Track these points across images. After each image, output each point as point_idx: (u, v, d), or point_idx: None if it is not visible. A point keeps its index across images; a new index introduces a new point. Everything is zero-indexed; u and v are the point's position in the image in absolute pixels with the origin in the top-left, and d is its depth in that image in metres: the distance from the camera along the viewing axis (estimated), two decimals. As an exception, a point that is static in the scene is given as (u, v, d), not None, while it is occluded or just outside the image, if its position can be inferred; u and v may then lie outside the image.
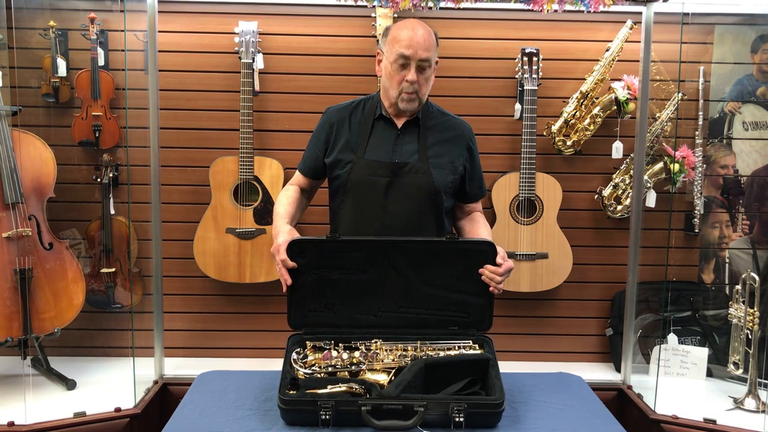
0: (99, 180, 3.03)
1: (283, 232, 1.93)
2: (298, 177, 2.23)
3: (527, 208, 3.10)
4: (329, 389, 1.73)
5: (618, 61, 3.06)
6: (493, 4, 3.01)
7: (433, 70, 2.00)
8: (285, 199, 2.10)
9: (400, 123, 2.05)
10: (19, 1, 2.77)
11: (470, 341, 1.90)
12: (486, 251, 1.89)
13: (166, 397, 2.94)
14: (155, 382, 2.93)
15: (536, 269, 3.12)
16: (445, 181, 2.05)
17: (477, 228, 2.13)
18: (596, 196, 3.19)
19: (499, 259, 1.87)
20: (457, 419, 1.65)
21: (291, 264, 1.85)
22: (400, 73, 1.95)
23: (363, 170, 2.02)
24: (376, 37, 2.98)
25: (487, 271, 1.87)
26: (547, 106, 3.15)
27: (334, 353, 1.83)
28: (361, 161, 2.02)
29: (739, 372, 2.81)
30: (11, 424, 2.41)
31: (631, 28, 3.01)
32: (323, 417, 1.65)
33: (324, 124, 2.14)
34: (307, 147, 2.19)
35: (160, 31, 2.92)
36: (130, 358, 2.87)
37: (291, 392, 1.72)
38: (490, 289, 1.88)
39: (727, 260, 3.21)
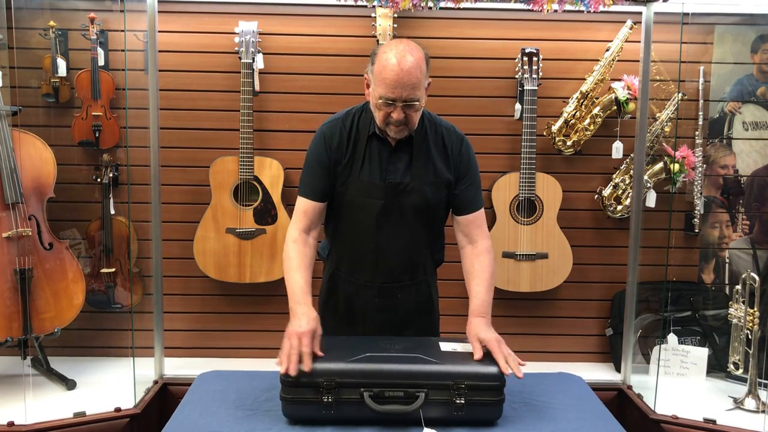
0: (99, 180, 3.03)
1: (306, 315, 1.79)
2: (306, 209, 1.98)
3: (527, 208, 3.10)
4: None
5: (618, 61, 3.06)
6: (493, 4, 3.01)
7: (423, 99, 1.86)
8: (297, 259, 1.91)
9: (393, 141, 1.96)
10: (19, 1, 2.77)
11: None
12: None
13: (166, 397, 2.94)
14: (155, 382, 2.93)
15: (536, 269, 3.12)
16: (439, 197, 2.00)
17: (474, 290, 1.94)
18: (596, 196, 3.20)
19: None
20: (457, 401, 1.67)
21: (319, 353, 1.73)
22: (386, 109, 1.84)
23: (357, 192, 1.96)
24: (376, 37, 2.98)
25: None
26: (547, 106, 3.15)
27: None
28: (355, 182, 1.96)
29: (739, 372, 2.81)
30: (11, 424, 2.41)
31: (631, 28, 3.01)
32: (325, 400, 1.67)
33: (320, 142, 1.99)
34: (309, 171, 1.99)
35: (160, 31, 2.92)
36: (130, 358, 2.87)
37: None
38: None
39: (727, 260, 3.21)
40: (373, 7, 2.89)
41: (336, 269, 2.12)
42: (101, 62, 3.01)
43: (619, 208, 3.17)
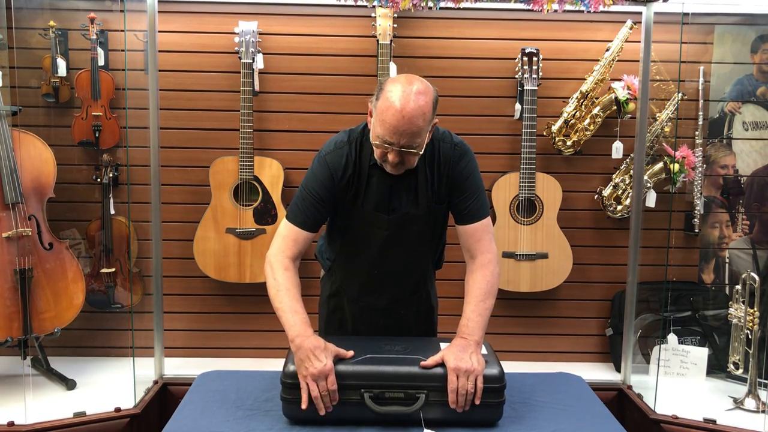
0: (99, 180, 3.03)
1: (320, 348, 1.70)
2: (296, 238, 1.89)
3: (527, 208, 3.10)
4: None
5: (618, 61, 3.06)
6: (493, 4, 3.00)
7: (423, 144, 1.76)
8: (293, 290, 1.82)
9: None
10: (19, 1, 2.77)
11: None
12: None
13: (166, 397, 2.94)
14: (155, 382, 2.93)
15: (536, 269, 3.12)
16: (441, 218, 1.98)
17: (464, 309, 1.87)
18: (596, 196, 3.19)
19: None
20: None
21: (348, 354, 1.72)
22: (383, 149, 1.74)
23: (361, 222, 1.91)
24: (376, 37, 2.98)
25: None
26: (547, 106, 3.15)
27: None
28: (359, 213, 1.90)
29: (739, 372, 2.81)
30: (11, 424, 2.41)
31: (631, 28, 3.01)
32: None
33: (324, 173, 1.88)
34: (306, 201, 1.88)
35: (160, 31, 2.92)
36: (130, 358, 2.87)
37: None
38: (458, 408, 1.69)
39: (727, 260, 3.21)
40: (373, 7, 2.89)
41: (339, 288, 2.11)
42: (101, 62, 3.00)
43: (619, 208, 3.17)
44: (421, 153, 1.77)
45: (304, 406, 1.65)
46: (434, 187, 1.90)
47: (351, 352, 1.73)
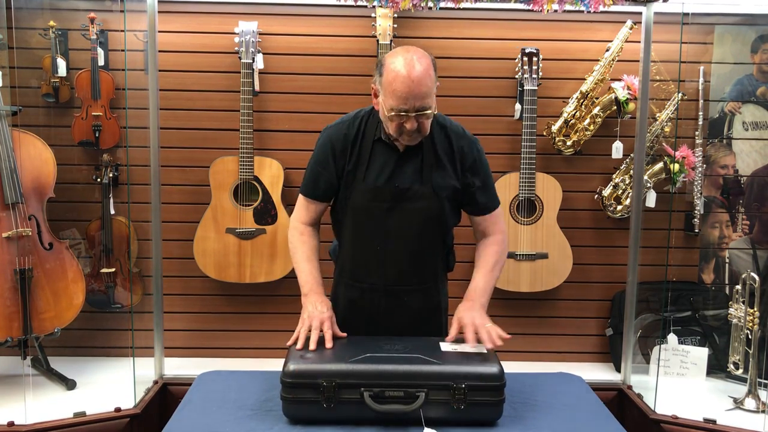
0: (99, 180, 3.03)
1: (324, 303, 1.93)
2: (309, 208, 2.05)
3: (527, 208, 3.10)
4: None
5: (618, 61, 3.06)
6: (493, 4, 3.00)
7: (434, 104, 1.84)
8: (307, 251, 2.02)
9: (401, 146, 1.94)
10: (19, 1, 2.77)
11: None
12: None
13: (166, 397, 2.94)
14: (155, 382, 2.93)
15: (536, 269, 3.12)
16: (446, 202, 1.99)
17: (473, 276, 2.02)
18: (596, 196, 3.20)
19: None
20: (458, 401, 1.67)
21: (341, 334, 1.88)
22: (398, 120, 1.81)
23: (363, 196, 1.95)
24: (376, 37, 2.98)
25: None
26: (547, 106, 3.15)
27: None
28: (361, 186, 1.94)
29: (739, 372, 2.81)
30: (11, 424, 2.41)
31: (631, 28, 3.01)
32: (324, 405, 1.67)
33: (325, 145, 1.98)
34: (312, 173, 2.02)
35: (160, 31, 2.92)
36: (130, 358, 2.87)
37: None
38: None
39: (727, 260, 3.21)
40: (373, 7, 2.89)
41: (340, 274, 2.11)
42: (101, 62, 3.01)
43: (619, 208, 3.17)
44: (435, 113, 1.86)
45: (289, 343, 1.82)
46: (441, 169, 1.95)
47: (343, 335, 1.88)
